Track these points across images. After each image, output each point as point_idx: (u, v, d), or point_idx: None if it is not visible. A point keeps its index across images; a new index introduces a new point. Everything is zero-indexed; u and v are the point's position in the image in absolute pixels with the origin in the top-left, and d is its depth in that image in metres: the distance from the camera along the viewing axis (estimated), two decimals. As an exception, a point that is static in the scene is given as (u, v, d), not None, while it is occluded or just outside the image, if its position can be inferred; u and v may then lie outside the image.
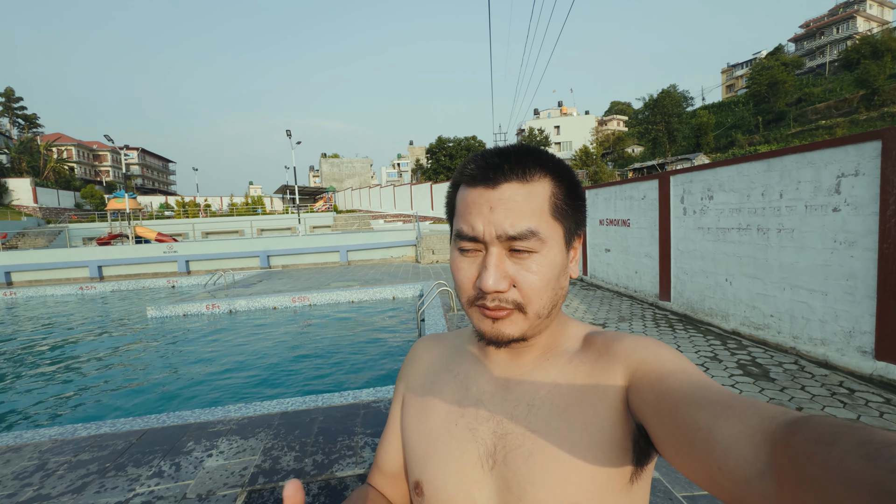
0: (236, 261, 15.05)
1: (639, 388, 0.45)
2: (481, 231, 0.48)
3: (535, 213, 0.48)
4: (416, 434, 0.58)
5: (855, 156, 3.45)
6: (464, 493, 0.51)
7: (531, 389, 0.52)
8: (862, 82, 29.92)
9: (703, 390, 0.38)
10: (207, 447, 2.55)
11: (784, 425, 0.29)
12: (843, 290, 3.59)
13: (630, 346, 0.49)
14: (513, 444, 0.50)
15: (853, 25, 43.89)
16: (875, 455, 0.22)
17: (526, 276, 0.47)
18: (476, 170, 0.50)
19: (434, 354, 0.65)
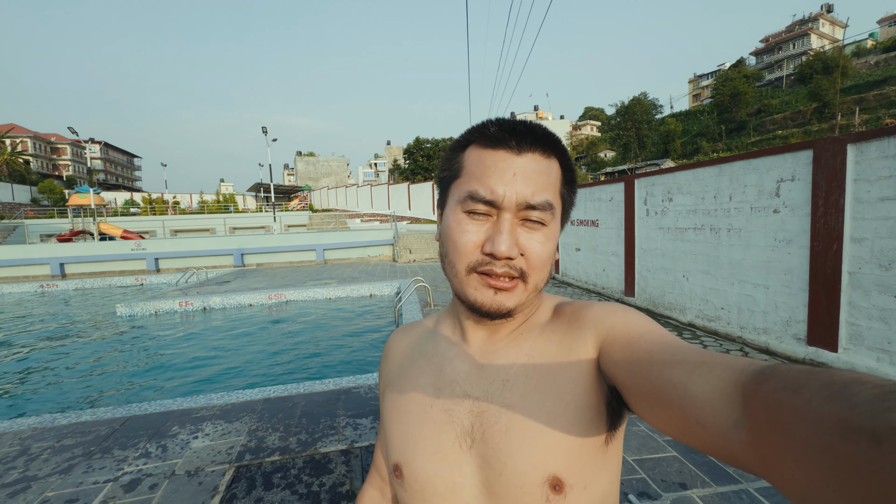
0: (209, 259, 14.74)
1: (610, 352, 0.46)
2: (501, 195, 0.47)
3: (551, 187, 0.49)
4: (394, 419, 0.58)
5: (791, 163, 3.84)
6: (443, 473, 0.52)
7: (505, 365, 0.52)
8: (814, 96, 31.94)
9: (674, 348, 0.40)
10: (192, 430, 2.65)
11: (753, 375, 0.30)
12: (781, 284, 3.98)
13: (599, 313, 0.50)
14: (489, 420, 0.50)
15: (808, 42, 46.75)
16: (839, 394, 0.23)
17: (535, 247, 0.48)
18: (500, 132, 0.49)
19: (407, 343, 0.65)
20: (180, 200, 41.89)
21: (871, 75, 35.38)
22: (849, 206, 3.37)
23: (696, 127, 44.97)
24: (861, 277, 3.30)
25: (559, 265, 9.11)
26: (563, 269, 9.00)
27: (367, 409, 2.88)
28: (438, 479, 0.52)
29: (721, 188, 4.66)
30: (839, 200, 3.41)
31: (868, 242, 3.25)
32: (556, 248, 0.50)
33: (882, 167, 3.14)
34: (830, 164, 3.46)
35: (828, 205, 3.50)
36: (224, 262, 14.86)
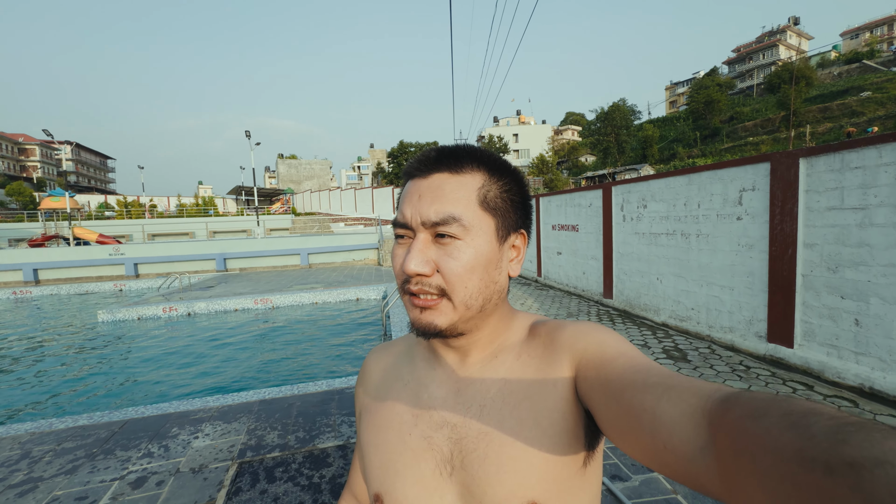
0: (190, 263, 14.54)
1: (585, 375, 0.46)
2: (408, 217, 0.50)
3: (460, 201, 0.49)
4: (372, 447, 0.58)
5: (752, 174, 4.17)
6: (425, 502, 0.52)
7: (482, 389, 0.53)
8: (782, 104, 33.43)
9: (645, 373, 0.40)
10: (193, 431, 2.75)
11: (719, 402, 0.31)
12: (745, 286, 4.30)
13: (573, 335, 0.50)
14: (468, 447, 0.50)
15: (776, 53, 48.85)
16: (797, 424, 0.24)
17: (447, 262, 0.48)
18: (414, 163, 0.53)
19: (384, 365, 0.65)
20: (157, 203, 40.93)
21: (834, 85, 37.21)
22: (801, 215, 3.69)
23: (672, 133, 46.39)
24: (813, 279, 3.63)
25: (541, 268, 9.40)
26: (544, 271, 9.28)
27: (361, 407, 3.03)
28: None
29: (690, 196, 4.98)
30: (793, 209, 3.73)
31: (818, 248, 3.58)
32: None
33: (829, 179, 3.47)
34: (785, 175, 3.79)
35: (783, 213, 3.82)
36: (206, 267, 14.68)
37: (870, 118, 29.46)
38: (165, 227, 24.33)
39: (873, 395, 3.14)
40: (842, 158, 3.37)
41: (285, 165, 53.39)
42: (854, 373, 3.28)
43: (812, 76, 33.95)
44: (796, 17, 52.56)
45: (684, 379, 0.37)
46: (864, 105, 31.20)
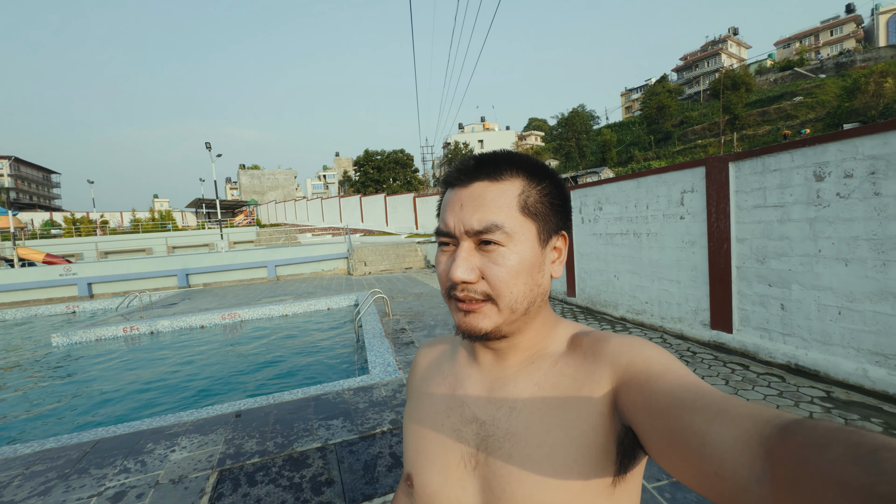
0: (150, 281, 13.97)
1: (627, 390, 0.45)
2: (452, 226, 0.51)
3: (502, 209, 0.50)
4: (410, 432, 0.62)
5: (691, 177, 4.59)
6: (448, 490, 0.54)
7: (514, 392, 0.53)
8: (726, 109, 35.83)
9: (694, 392, 0.39)
10: (168, 445, 2.78)
11: (778, 429, 0.30)
12: (690, 279, 4.71)
13: (617, 348, 0.49)
14: (494, 445, 0.51)
15: (719, 61, 52.27)
16: (866, 458, 0.23)
17: (493, 268, 0.49)
18: (454, 172, 0.54)
19: (430, 358, 0.68)
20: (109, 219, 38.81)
21: (771, 91, 40.22)
22: (733, 213, 4.12)
23: (629, 137, 48.64)
24: (745, 271, 4.05)
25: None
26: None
27: (338, 411, 3.14)
28: (444, 495, 0.54)
29: (640, 198, 5.39)
30: (726, 208, 4.16)
31: (748, 242, 4.00)
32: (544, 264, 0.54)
33: (753, 181, 3.90)
34: (718, 178, 4.22)
35: (718, 212, 4.24)
36: (168, 284, 14.15)
37: (803, 121, 32.06)
38: (120, 243, 23.14)
39: (798, 370, 3.55)
40: (763, 162, 3.80)
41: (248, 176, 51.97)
42: (782, 352, 3.69)
43: (751, 83, 36.62)
44: (735, 28, 56.50)
45: (739, 402, 0.35)
46: (798, 109, 33.93)
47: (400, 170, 38.86)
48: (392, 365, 4.13)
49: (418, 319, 6.46)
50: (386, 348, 4.75)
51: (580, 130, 41.83)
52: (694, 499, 1.96)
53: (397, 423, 2.89)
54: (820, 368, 3.39)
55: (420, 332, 5.64)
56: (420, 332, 5.58)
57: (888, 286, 2.96)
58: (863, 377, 3.10)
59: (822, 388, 3.22)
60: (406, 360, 4.33)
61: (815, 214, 3.40)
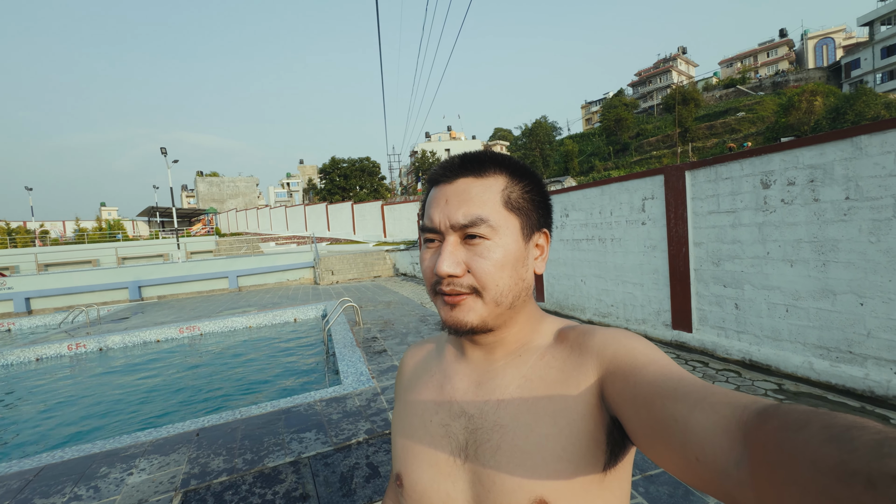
0: (97, 294, 13.04)
1: (613, 381, 0.46)
2: (437, 221, 0.52)
3: (486, 203, 0.51)
4: (398, 431, 0.62)
5: (651, 185, 4.83)
6: (438, 485, 0.54)
7: (501, 385, 0.54)
8: (678, 122, 38.04)
9: (677, 381, 0.39)
10: (125, 468, 2.59)
11: (756, 414, 0.31)
12: (652, 282, 4.93)
13: (602, 340, 0.50)
14: (482, 438, 0.52)
15: (670, 77, 55.54)
16: (838, 437, 0.24)
17: (478, 261, 0.50)
18: (439, 170, 0.55)
19: (417, 358, 0.69)
20: (50, 229, 36.02)
21: (717, 106, 43.10)
22: (690, 218, 4.36)
23: (590, 147, 50.57)
24: (702, 273, 4.28)
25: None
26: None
27: (310, 423, 3.04)
28: (433, 491, 0.54)
29: (604, 205, 5.61)
30: (683, 214, 4.40)
31: (704, 245, 4.25)
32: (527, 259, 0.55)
33: (708, 188, 4.16)
34: (676, 186, 4.46)
35: (677, 217, 4.48)
36: (118, 297, 13.25)
37: (745, 134, 34.53)
38: (63, 254, 21.50)
39: (753, 365, 3.78)
40: (716, 171, 4.06)
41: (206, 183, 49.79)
42: (738, 349, 3.92)
43: (699, 98, 39.11)
44: (684, 47, 60.30)
45: (718, 390, 0.36)
46: (741, 123, 36.52)
47: (367, 178, 38.52)
48: (365, 374, 4.05)
49: (390, 327, 6.38)
50: (358, 357, 4.65)
51: (543, 141, 43.15)
52: (666, 492, 2.04)
53: (373, 433, 2.83)
54: (771, 363, 3.62)
55: (392, 339, 5.57)
56: (392, 341, 5.51)
57: (828, 284, 3.22)
58: (809, 370, 3.34)
59: (773, 382, 3.44)
60: (379, 369, 4.27)
61: (763, 219, 3.66)
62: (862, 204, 3.01)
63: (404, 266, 15.40)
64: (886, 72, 34.63)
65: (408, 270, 15.11)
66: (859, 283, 3.05)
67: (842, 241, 3.13)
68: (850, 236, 3.08)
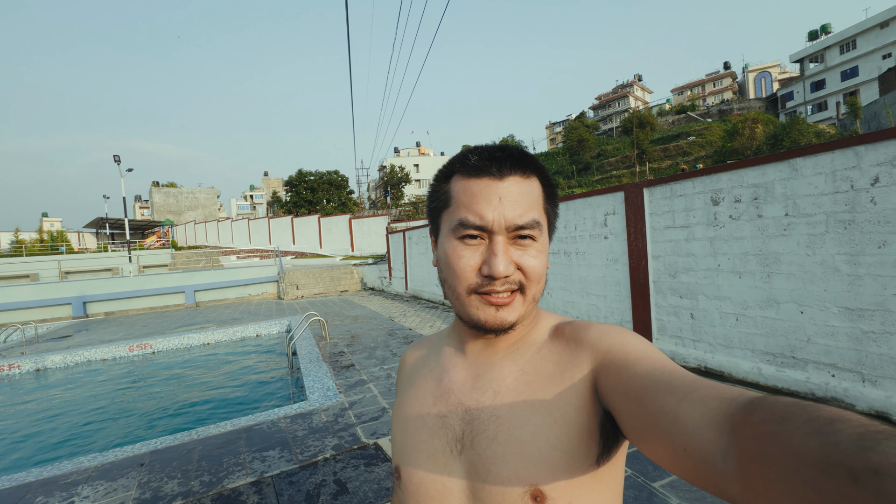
0: (36, 311, 12.02)
1: (606, 374, 0.46)
2: (491, 220, 0.51)
3: (535, 206, 0.53)
4: (397, 425, 0.62)
5: (612, 201, 5.06)
6: (435, 476, 0.54)
7: (499, 377, 0.55)
8: (635, 144, 40.17)
9: (668, 375, 0.40)
10: (65, 497, 2.37)
11: (742, 406, 0.31)
12: (614, 294, 5.12)
13: (597, 335, 0.51)
14: (479, 428, 0.52)
15: (627, 102, 58.82)
16: (822, 430, 0.24)
17: (529, 261, 0.51)
18: (480, 161, 0.53)
19: (416, 356, 0.70)
20: (-18, 241, 33.04)
21: (670, 130, 45.91)
22: (648, 233, 4.59)
23: (554, 166, 52.30)
24: (660, 284, 4.50)
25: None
26: (451, 294, 9.70)
27: (273, 441, 2.91)
28: (430, 482, 0.54)
29: (569, 220, 5.81)
30: (642, 228, 4.63)
31: (662, 258, 4.47)
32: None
33: (664, 205, 4.41)
34: (635, 202, 4.70)
35: (636, 232, 4.71)
36: (59, 314, 12.26)
37: (696, 157, 36.92)
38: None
39: (708, 372, 3.98)
40: (671, 188, 4.32)
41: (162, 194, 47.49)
42: (694, 356, 4.12)
43: (654, 122, 41.56)
44: (640, 75, 64.14)
45: (707, 383, 0.37)
46: (692, 147, 39.03)
47: (335, 191, 38.02)
48: (332, 389, 3.94)
49: (357, 342, 6.26)
50: (325, 373, 4.52)
51: (510, 158, 44.16)
52: (631, 496, 2.09)
53: (341, 449, 2.74)
54: (724, 369, 3.83)
55: (360, 354, 5.46)
56: (360, 355, 5.40)
57: (772, 294, 3.47)
58: (758, 375, 3.56)
59: (727, 387, 3.63)
60: (347, 384, 4.16)
61: (714, 234, 3.91)
62: (799, 220, 3.29)
63: (372, 280, 15.19)
64: (816, 104, 38.21)
65: (375, 285, 14.91)
66: (799, 293, 3.30)
67: (783, 253, 3.39)
68: (790, 249, 3.34)
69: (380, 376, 4.38)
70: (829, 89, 36.47)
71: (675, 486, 2.21)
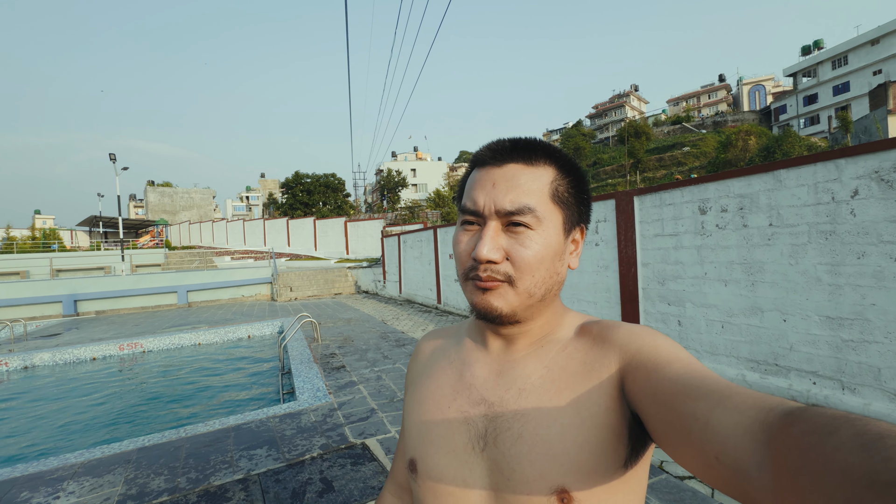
0: (25, 308, 11.91)
1: (635, 376, 0.45)
2: (482, 204, 0.51)
3: (534, 193, 0.50)
4: (412, 416, 0.60)
5: (604, 208, 5.14)
6: (454, 471, 0.53)
7: (523, 374, 0.53)
8: (631, 153, 40.57)
9: (700, 380, 0.39)
10: (51, 492, 2.38)
11: (781, 416, 0.29)
12: (605, 300, 5.18)
13: (627, 335, 0.49)
14: (503, 426, 0.51)
15: (624, 112, 59.40)
16: (870, 446, 0.22)
17: (519, 250, 0.49)
18: (487, 151, 0.54)
19: (434, 346, 0.67)
20: (-28, 237, 32.68)
21: (665, 140, 46.41)
22: (638, 241, 4.66)
23: (550, 173, 52.67)
24: (649, 291, 4.57)
25: (441, 295, 9.84)
26: (443, 298, 9.75)
27: (261, 440, 2.92)
28: (450, 477, 0.53)
29: (561, 226, 5.87)
30: (633, 236, 4.70)
31: (651, 266, 4.54)
32: (565, 253, 0.54)
33: (654, 213, 4.48)
34: (626, 210, 4.77)
35: (627, 239, 4.78)
36: (49, 312, 12.16)
37: (690, 167, 37.29)
38: (-14, 265, 19.55)
39: (694, 379, 4.03)
40: (660, 197, 4.40)
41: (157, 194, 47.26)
42: (681, 363, 4.18)
43: (650, 132, 41.97)
44: (636, 85, 64.87)
45: (742, 390, 0.35)
46: (686, 157, 39.45)
47: (331, 194, 38.01)
48: (322, 390, 3.95)
49: (349, 344, 6.27)
50: (315, 374, 4.54)
51: (507, 165, 44.41)
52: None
53: (328, 448, 2.76)
54: (710, 376, 3.89)
55: (352, 356, 5.47)
56: (352, 357, 5.42)
57: (756, 302, 3.54)
58: (742, 382, 3.61)
59: (712, 393, 3.69)
60: (337, 385, 4.18)
61: (701, 242, 3.98)
62: (783, 230, 3.37)
63: (366, 283, 15.19)
64: (808, 117, 38.81)
65: (370, 288, 14.90)
66: (782, 301, 3.38)
67: (767, 262, 3.46)
68: (774, 259, 3.42)
69: (370, 378, 4.40)
70: (822, 103, 37.06)
71: (655, 489, 2.25)
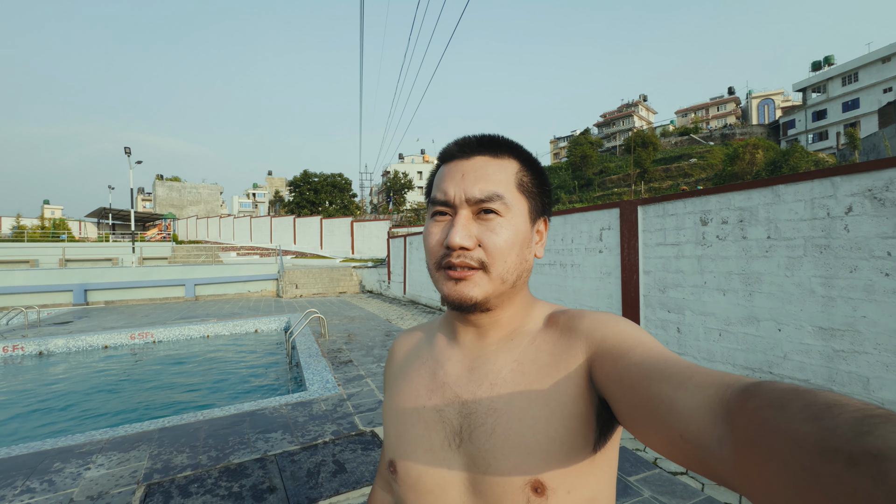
0: (37, 296, 12.16)
1: (601, 363, 0.46)
2: (452, 195, 0.52)
3: (502, 182, 0.53)
4: (390, 419, 0.61)
5: (608, 217, 5.28)
6: (433, 470, 0.54)
7: (494, 369, 0.54)
8: (637, 163, 40.66)
9: (663, 362, 0.40)
10: (81, 463, 2.54)
11: (738, 392, 0.31)
12: (606, 305, 5.31)
13: (591, 324, 0.51)
14: (476, 422, 0.52)
15: (632, 121, 59.54)
16: (819, 415, 0.24)
17: (490, 237, 0.51)
18: (454, 146, 0.56)
19: (407, 346, 0.68)
20: (-16, 225, 33.20)
21: (672, 151, 46.48)
22: (641, 249, 4.80)
23: (556, 180, 52.81)
24: (650, 298, 4.70)
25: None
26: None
27: (276, 425, 3.08)
28: (429, 476, 0.54)
29: (566, 233, 6.02)
30: (635, 244, 4.84)
31: (652, 274, 4.68)
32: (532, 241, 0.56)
33: (656, 222, 4.62)
34: (629, 218, 4.92)
35: (630, 247, 4.92)
36: (60, 300, 12.40)
37: (697, 179, 37.32)
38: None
39: (691, 384, 4.16)
40: (663, 207, 4.54)
41: (165, 188, 47.75)
42: (678, 369, 4.30)
43: (657, 143, 42.08)
44: (645, 95, 65.00)
45: (703, 370, 0.37)
46: (693, 168, 39.50)
47: (338, 193, 38.30)
48: (331, 382, 4.11)
49: (355, 340, 6.43)
50: (324, 366, 4.70)
51: (513, 171, 44.57)
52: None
53: (340, 434, 2.92)
54: (706, 382, 4.01)
55: (358, 352, 5.63)
56: (358, 352, 5.57)
57: (753, 312, 3.67)
58: (737, 388, 3.73)
59: (708, 398, 3.81)
60: (346, 378, 4.33)
61: (702, 252, 4.12)
62: (780, 243, 3.50)
63: (371, 283, 15.36)
64: (817, 133, 38.80)
65: (374, 288, 15.08)
66: (777, 311, 3.51)
67: (764, 274, 3.60)
68: (771, 270, 3.55)
69: (377, 373, 4.55)
70: (831, 119, 37.06)
71: (648, 482, 2.39)
